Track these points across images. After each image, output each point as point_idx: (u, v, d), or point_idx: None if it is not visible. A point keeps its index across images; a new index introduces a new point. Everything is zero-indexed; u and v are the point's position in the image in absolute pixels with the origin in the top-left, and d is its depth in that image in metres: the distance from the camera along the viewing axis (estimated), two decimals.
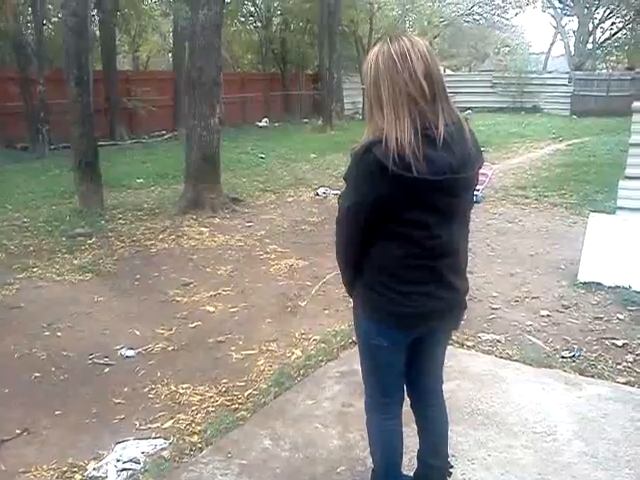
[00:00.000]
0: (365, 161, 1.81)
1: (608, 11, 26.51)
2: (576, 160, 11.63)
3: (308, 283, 5.25)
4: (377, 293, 1.98)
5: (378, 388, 2.21)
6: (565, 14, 29.74)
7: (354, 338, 3.93)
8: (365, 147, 1.81)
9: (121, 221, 7.42)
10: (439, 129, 1.80)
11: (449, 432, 2.38)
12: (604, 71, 28.20)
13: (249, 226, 7.29)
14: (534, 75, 24.65)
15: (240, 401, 3.29)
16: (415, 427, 2.38)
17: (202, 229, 7.12)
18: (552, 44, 33.60)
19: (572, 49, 28.77)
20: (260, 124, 20.14)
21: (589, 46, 27.90)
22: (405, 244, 1.91)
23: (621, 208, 5.86)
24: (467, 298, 2.12)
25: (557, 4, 29.62)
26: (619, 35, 27.67)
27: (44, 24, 14.56)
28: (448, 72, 29.60)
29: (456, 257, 2.01)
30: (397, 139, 1.75)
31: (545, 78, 24.64)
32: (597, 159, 11.52)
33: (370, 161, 1.79)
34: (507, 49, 32.54)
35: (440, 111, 1.82)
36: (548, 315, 4.40)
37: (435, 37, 26.65)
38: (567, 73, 24.68)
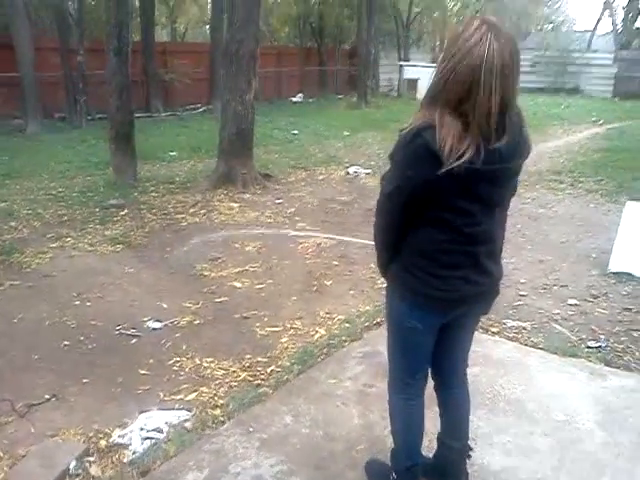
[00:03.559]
0: (414, 145, 1.77)
1: None
2: (615, 145, 11.34)
3: (335, 262, 5.26)
4: (414, 275, 1.98)
5: (404, 369, 2.22)
6: None
7: (378, 320, 3.95)
8: (416, 130, 1.77)
9: (153, 194, 7.51)
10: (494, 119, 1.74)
11: (470, 416, 2.39)
12: None
13: (279, 203, 7.31)
14: (577, 54, 23.85)
15: (263, 377, 3.34)
16: (436, 410, 2.39)
17: (232, 204, 7.17)
18: (598, 21, 32.10)
19: (619, 27, 27.78)
20: (294, 99, 20.10)
21: (638, 24, 26.92)
22: (446, 230, 1.89)
23: None
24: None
25: None
26: None
27: None
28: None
29: (494, 243, 2.01)
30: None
31: (588, 58, 23.81)
32: (638, 145, 11.20)
33: (419, 145, 1.75)
34: (550, 26, 31.58)
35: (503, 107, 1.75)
36: (576, 304, 4.33)
37: (477, 12, 26.05)
38: (612, 52, 23.88)
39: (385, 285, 2.19)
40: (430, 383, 2.32)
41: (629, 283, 4.66)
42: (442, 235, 1.90)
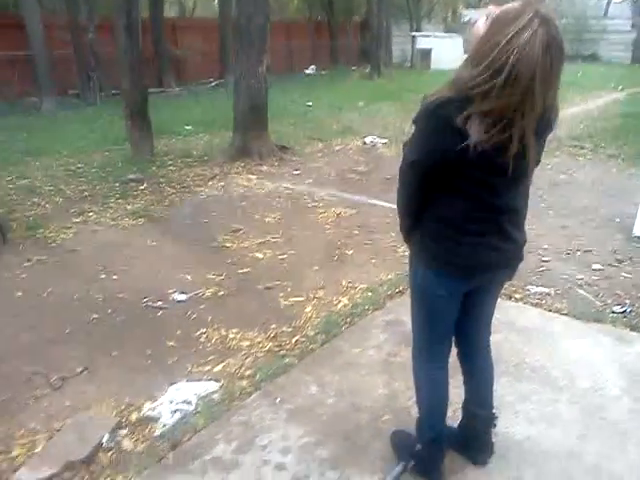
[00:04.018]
0: (436, 116, 1.76)
1: None
2: (636, 111, 11.12)
3: (355, 232, 5.26)
4: (439, 243, 1.98)
5: (429, 337, 2.24)
6: None
7: (401, 288, 3.96)
8: (439, 102, 1.74)
9: (171, 167, 7.53)
10: None
11: (494, 384, 2.40)
12: None
13: (297, 174, 7.30)
14: (593, 21, 23.37)
15: (288, 347, 3.37)
16: (460, 379, 2.41)
17: (250, 176, 7.17)
18: None
19: None
20: (307, 71, 19.92)
21: None
22: (469, 199, 1.89)
23: None
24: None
25: None
26: None
27: None
28: None
29: (517, 213, 2.01)
30: None
31: (606, 24, 23.35)
32: None
33: (441, 117, 1.74)
34: None
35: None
36: (600, 269, 4.31)
37: None
38: (630, 18, 23.37)
39: (407, 253, 2.19)
40: (453, 352, 2.32)
41: None
42: (465, 204, 1.90)
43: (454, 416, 2.48)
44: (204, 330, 3.59)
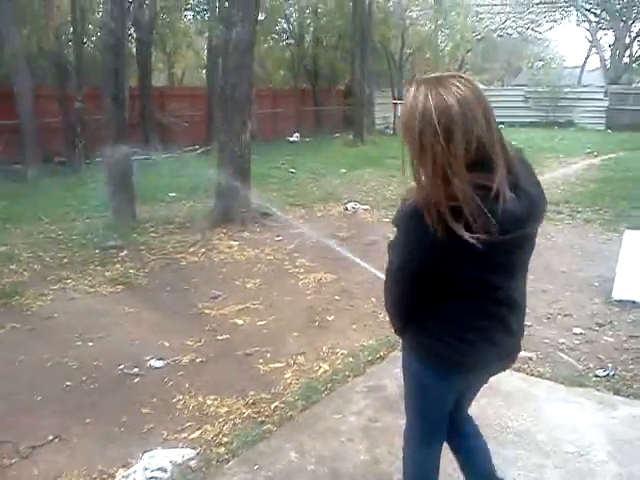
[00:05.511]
0: (414, 222, 1.66)
1: None
2: (611, 175, 11.42)
3: (336, 297, 5.24)
4: (443, 343, 1.85)
5: (425, 427, 2.14)
6: (600, 28, 29.47)
7: (382, 353, 3.92)
8: (414, 207, 1.66)
9: (153, 234, 7.52)
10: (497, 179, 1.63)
11: None
12: None
13: (278, 240, 7.32)
14: (568, 89, 24.33)
15: (267, 414, 3.29)
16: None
17: (232, 243, 7.17)
18: (587, 58, 32.99)
19: (608, 63, 28.45)
20: (291, 139, 20.31)
21: (625, 60, 27.57)
22: (466, 297, 1.79)
23: None
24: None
25: (592, 18, 29.44)
26: None
27: (84, 42, 15.00)
28: (480, 87, 29.44)
29: (517, 303, 1.90)
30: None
31: (579, 92, 24.31)
32: (633, 174, 11.24)
33: (419, 224, 1.63)
34: (540, 63, 32.28)
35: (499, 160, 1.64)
36: (581, 333, 4.31)
37: (468, 52, 26.50)
38: (602, 87, 24.37)
39: (388, 318, 2.11)
40: None
41: (633, 310, 4.64)
42: (463, 303, 1.80)
43: None
44: (181, 397, 3.51)
